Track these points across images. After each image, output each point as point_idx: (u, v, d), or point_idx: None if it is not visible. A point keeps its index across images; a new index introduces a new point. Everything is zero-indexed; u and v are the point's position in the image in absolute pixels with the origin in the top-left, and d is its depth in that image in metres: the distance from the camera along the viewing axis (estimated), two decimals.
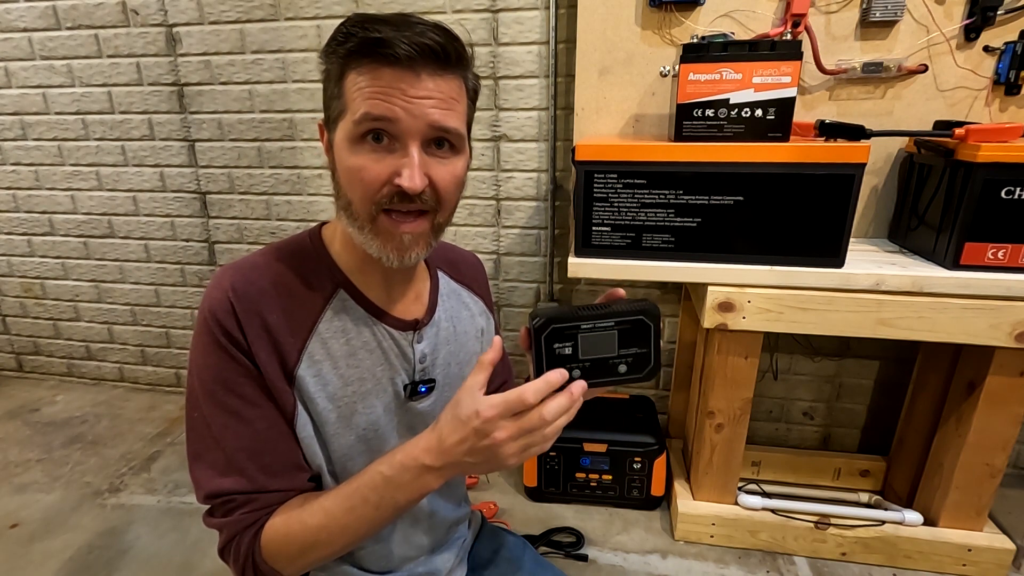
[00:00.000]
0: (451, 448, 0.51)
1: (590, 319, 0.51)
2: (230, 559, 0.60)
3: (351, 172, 0.55)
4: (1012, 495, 1.52)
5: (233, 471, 0.58)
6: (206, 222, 1.89)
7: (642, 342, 0.53)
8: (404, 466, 0.54)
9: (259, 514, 0.59)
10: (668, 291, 1.65)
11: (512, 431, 0.49)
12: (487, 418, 0.48)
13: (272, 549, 0.57)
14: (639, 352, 0.53)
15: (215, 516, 0.60)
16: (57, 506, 1.55)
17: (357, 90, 0.53)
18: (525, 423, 0.49)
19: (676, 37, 1.32)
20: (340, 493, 0.57)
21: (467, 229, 1.70)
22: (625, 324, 0.52)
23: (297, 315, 0.61)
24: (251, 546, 0.58)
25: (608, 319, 0.51)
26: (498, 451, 0.49)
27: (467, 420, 0.50)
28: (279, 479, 0.60)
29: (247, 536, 0.58)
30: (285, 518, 0.58)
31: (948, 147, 1.09)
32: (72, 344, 2.19)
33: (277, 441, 0.60)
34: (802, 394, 1.66)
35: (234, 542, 0.59)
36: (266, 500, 0.59)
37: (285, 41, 1.62)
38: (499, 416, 0.49)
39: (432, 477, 0.53)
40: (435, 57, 0.52)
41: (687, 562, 1.34)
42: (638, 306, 0.52)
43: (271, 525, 0.58)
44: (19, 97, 1.84)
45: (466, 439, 0.50)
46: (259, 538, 0.58)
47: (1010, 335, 1.07)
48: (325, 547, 0.57)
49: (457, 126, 0.56)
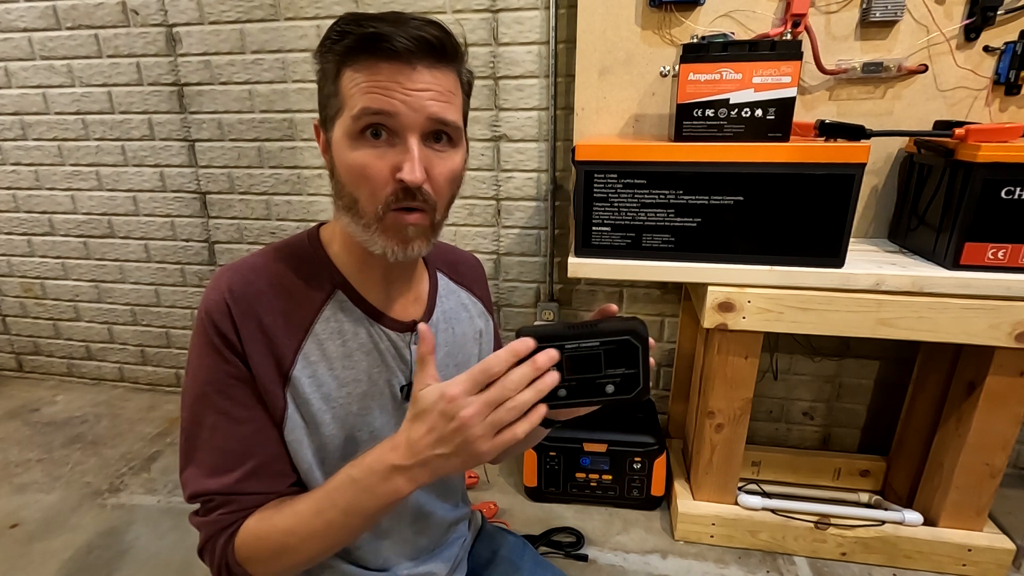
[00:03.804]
0: (418, 441, 0.49)
1: (575, 338, 0.50)
2: (207, 559, 0.60)
3: (353, 170, 0.55)
4: (1012, 495, 1.52)
5: (217, 472, 0.58)
6: (206, 222, 1.89)
7: (630, 362, 0.51)
8: (371, 468, 0.52)
9: (236, 515, 0.58)
10: (668, 291, 1.65)
11: (478, 406, 0.46)
12: (451, 396, 0.47)
13: (245, 552, 0.57)
14: (627, 373, 0.52)
15: (197, 515, 0.60)
16: (57, 506, 1.55)
17: (355, 86, 0.53)
18: (490, 395, 0.47)
19: (676, 37, 1.32)
20: (312, 496, 0.56)
21: (467, 229, 1.70)
22: (611, 344, 0.50)
23: (294, 316, 0.61)
24: (225, 547, 0.58)
25: (594, 338, 0.50)
26: (467, 434, 0.47)
27: (432, 405, 0.48)
28: (261, 482, 0.60)
29: (223, 537, 0.58)
30: (259, 520, 0.58)
31: (948, 147, 1.09)
32: (72, 344, 2.19)
33: (263, 445, 0.60)
34: (802, 394, 1.66)
35: (210, 542, 0.59)
36: (245, 502, 0.59)
37: (285, 41, 1.62)
38: (464, 392, 0.47)
39: (402, 480, 0.51)
40: (431, 50, 0.53)
41: (687, 562, 1.34)
42: (625, 326, 0.51)
43: (246, 527, 0.58)
44: (19, 97, 1.85)
45: (434, 427, 0.48)
46: (234, 540, 0.58)
47: (1010, 335, 1.08)
48: (294, 552, 0.56)
49: (455, 119, 0.56)
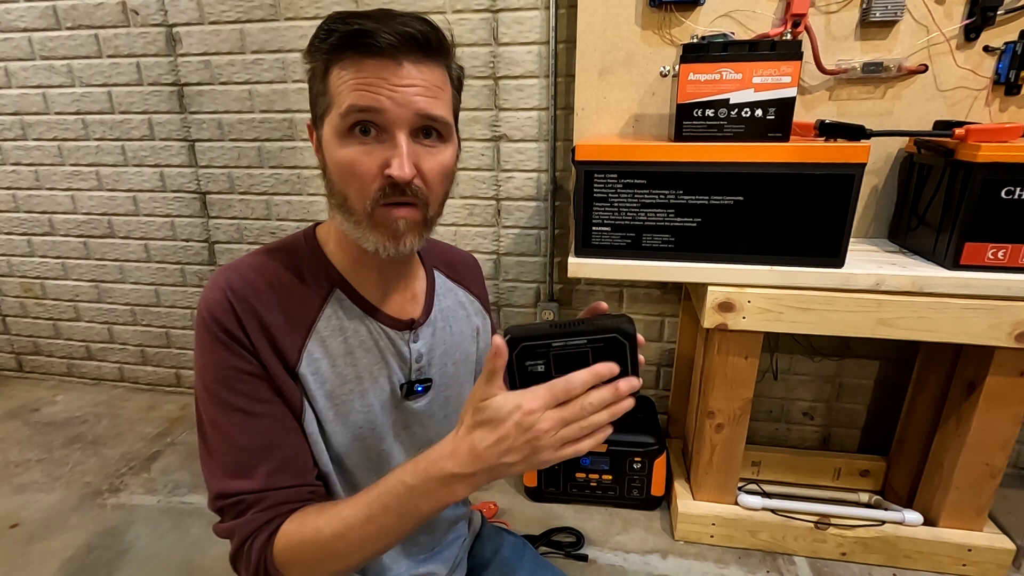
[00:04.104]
0: (486, 451, 0.47)
1: (561, 336, 0.49)
2: (241, 565, 0.56)
3: (342, 167, 0.55)
4: (1012, 495, 1.52)
5: (242, 470, 0.56)
6: (206, 222, 1.89)
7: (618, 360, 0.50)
8: (428, 475, 0.50)
9: (272, 513, 0.56)
10: (668, 291, 1.65)
11: (554, 421, 0.46)
12: (530, 409, 0.46)
13: (285, 558, 0.54)
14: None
15: (225, 520, 0.57)
16: (57, 506, 1.55)
17: (342, 83, 0.53)
18: (567, 412, 0.46)
19: (676, 37, 1.32)
20: (359, 501, 0.53)
21: (467, 229, 1.70)
22: (598, 342, 0.49)
23: (295, 314, 0.61)
24: (263, 551, 0.55)
25: (580, 336, 0.49)
26: (538, 444, 0.46)
27: (506, 416, 0.46)
28: (290, 476, 0.58)
29: (260, 538, 0.55)
30: (300, 525, 0.55)
31: (948, 147, 1.09)
32: (72, 344, 2.19)
33: (285, 437, 0.59)
34: (802, 394, 1.66)
35: (246, 546, 0.55)
36: (277, 497, 0.57)
37: (285, 41, 1.62)
38: (543, 406, 0.46)
39: (462, 486, 0.49)
40: (417, 46, 0.53)
41: (687, 562, 1.34)
42: (612, 323, 0.50)
43: (284, 531, 0.55)
44: (19, 97, 1.84)
45: (505, 437, 0.46)
46: (272, 542, 0.55)
47: (1010, 335, 1.08)
48: (343, 558, 0.54)
49: (443, 114, 0.56)
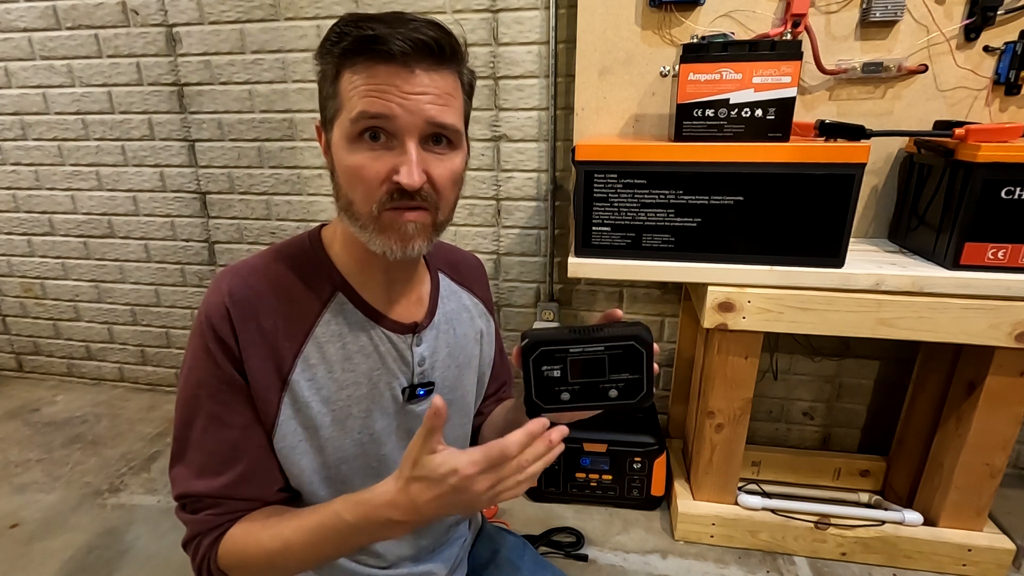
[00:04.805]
0: (425, 505, 0.50)
1: (580, 342, 0.50)
2: (190, 553, 0.61)
3: (350, 171, 0.55)
4: (1012, 495, 1.52)
5: (206, 474, 0.59)
6: (206, 222, 1.89)
7: (634, 368, 0.51)
8: (368, 517, 0.52)
9: (223, 519, 0.59)
10: (668, 291, 1.65)
11: (491, 481, 0.48)
12: (467, 475, 0.47)
13: (227, 562, 0.58)
14: (631, 378, 0.52)
15: (184, 511, 0.61)
16: (57, 506, 1.55)
17: (353, 89, 0.53)
18: (504, 472, 0.48)
19: (676, 37, 1.32)
20: (301, 526, 0.56)
21: (467, 229, 1.70)
22: (616, 349, 0.51)
23: (294, 319, 0.61)
24: (208, 552, 0.59)
25: (598, 343, 0.50)
26: (475, 501, 0.49)
27: (443, 478, 0.48)
28: (250, 487, 0.61)
29: (207, 539, 0.59)
30: (245, 533, 0.58)
31: (948, 147, 1.09)
32: (72, 344, 2.19)
33: (253, 451, 0.60)
34: (802, 394, 1.66)
35: (195, 541, 0.60)
36: (232, 507, 0.60)
37: (285, 41, 1.62)
38: (478, 472, 0.48)
39: (400, 529, 0.52)
40: (429, 52, 0.52)
41: (687, 562, 1.34)
42: (630, 331, 0.51)
43: (230, 536, 0.59)
44: (19, 97, 1.84)
45: (443, 495, 0.49)
46: (217, 545, 0.59)
47: (1010, 335, 1.08)
48: (283, 571, 0.58)
49: (454, 122, 0.55)
